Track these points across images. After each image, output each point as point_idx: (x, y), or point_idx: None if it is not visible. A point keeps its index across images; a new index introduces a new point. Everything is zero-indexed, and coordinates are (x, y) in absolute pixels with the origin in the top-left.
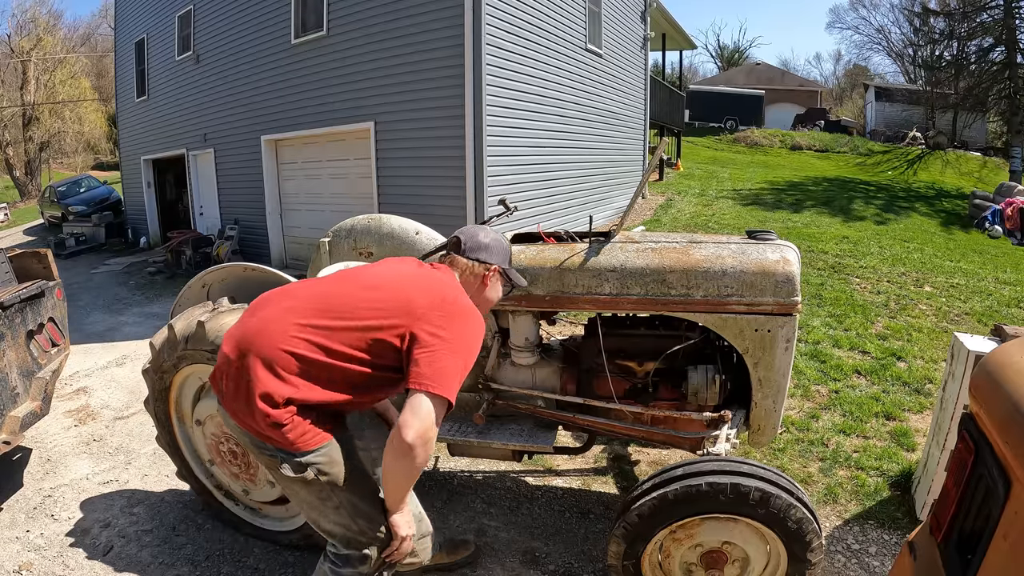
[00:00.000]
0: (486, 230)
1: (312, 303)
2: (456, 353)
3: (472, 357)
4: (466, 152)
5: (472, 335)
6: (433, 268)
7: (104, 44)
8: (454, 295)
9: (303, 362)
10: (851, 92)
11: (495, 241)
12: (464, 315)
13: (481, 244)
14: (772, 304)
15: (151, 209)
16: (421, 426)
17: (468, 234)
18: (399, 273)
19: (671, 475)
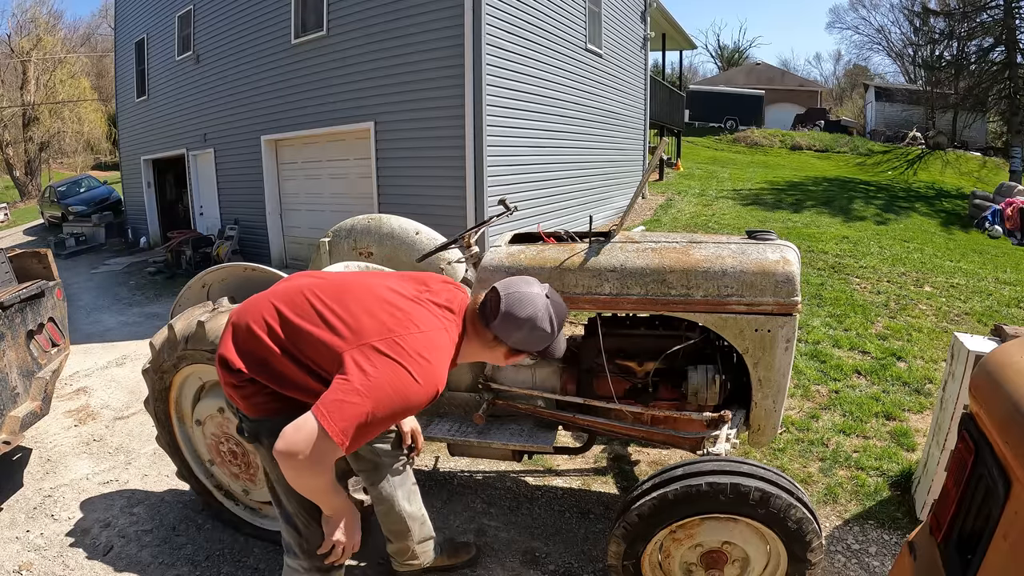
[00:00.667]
0: (533, 297)
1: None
2: (367, 397)
3: (389, 413)
4: (466, 152)
5: (398, 390)
6: (432, 296)
7: (104, 44)
8: (411, 337)
9: (255, 341)
10: (851, 92)
11: (537, 318)
12: (405, 362)
13: (517, 326)
14: (772, 304)
15: (151, 209)
16: (288, 443)
17: (512, 305)
18: (387, 290)
19: (671, 475)
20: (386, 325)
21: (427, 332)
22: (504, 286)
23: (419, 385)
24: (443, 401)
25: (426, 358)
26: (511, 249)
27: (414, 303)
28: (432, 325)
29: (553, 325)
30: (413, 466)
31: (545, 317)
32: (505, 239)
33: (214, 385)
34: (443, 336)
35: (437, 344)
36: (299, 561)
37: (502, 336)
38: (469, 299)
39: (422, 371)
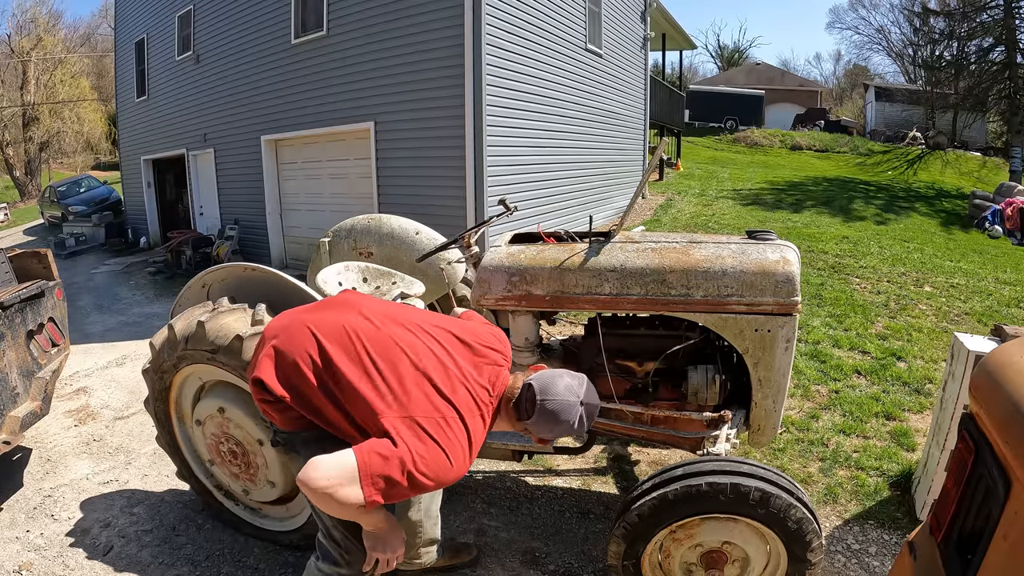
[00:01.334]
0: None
1: (344, 333)
2: (406, 469)
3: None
4: (466, 152)
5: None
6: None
7: (104, 44)
8: (454, 423)
9: (299, 377)
10: (851, 92)
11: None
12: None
13: (551, 426)
14: (772, 304)
15: (151, 209)
16: (316, 476)
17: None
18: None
19: (671, 475)
20: (433, 404)
21: (468, 419)
22: (541, 389)
23: (453, 469)
24: None
25: (463, 444)
26: (511, 249)
27: (459, 383)
28: (472, 411)
29: (583, 426)
30: None
31: (576, 422)
32: (505, 239)
33: (214, 385)
34: (480, 424)
35: (474, 431)
36: (338, 569)
37: (534, 431)
38: (508, 382)
39: (458, 457)
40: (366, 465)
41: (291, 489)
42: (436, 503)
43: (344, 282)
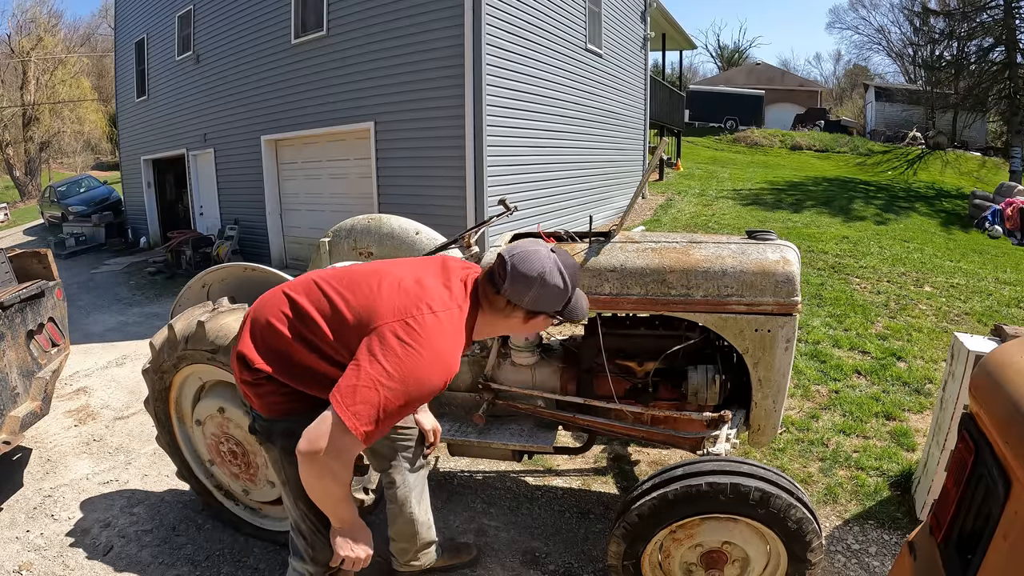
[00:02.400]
0: (540, 254)
1: (308, 281)
2: (382, 385)
3: (405, 399)
4: (466, 152)
5: (412, 374)
6: (447, 273)
7: (104, 44)
8: (423, 318)
9: (273, 334)
10: (851, 92)
11: (546, 272)
12: (418, 345)
13: (528, 284)
14: (772, 304)
15: (151, 209)
16: (308, 439)
17: (518, 264)
18: (400, 270)
19: (671, 475)
20: (397, 306)
21: (439, 312)
22: (508, 249)
23: (433, 369)
24: (443, 401)
25: (439, 340)
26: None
27: (427, 280)
28: (444, 304)
29: (565, 279)
30: (430, 468)
31: (555, 271)
32: (505, 239)
33: (214, 385)
34: (456, 315)
35: (450, 325)
36: (305, 566)
37: (515, 299)
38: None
39: (435, 355)
40: (339, 404)
41: None
42: (427, 504)
43: None
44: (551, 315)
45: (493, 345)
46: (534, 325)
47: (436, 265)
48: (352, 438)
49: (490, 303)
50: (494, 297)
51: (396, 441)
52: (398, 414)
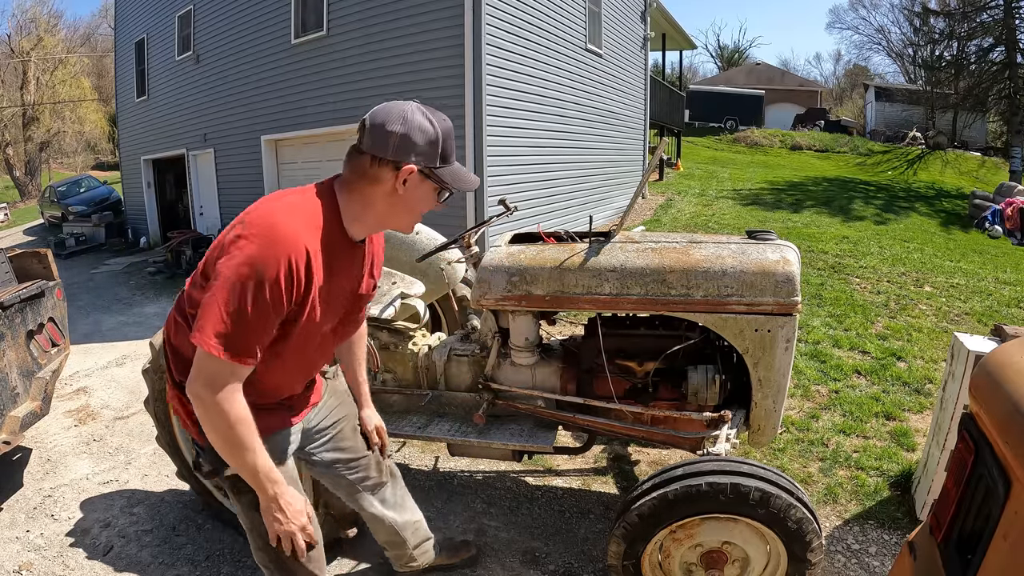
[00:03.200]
0: (399, 102)
1: None
2: (219, 289)
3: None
4: (466, 152)
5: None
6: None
7: (104, 44)
8: (253, 212)
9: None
10: (851, 92)
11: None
12: (245, 233)
13: (387, 128)
14: (772, 304)
15: (151, 209)
16: (192, 380)
17: (376, 115)
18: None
19: (671, 475)
20: (236, 218)
21: (272, 201)
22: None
23: (267, 246)
24: (443, 401)
25: (271, 218)
26: (511, 249)
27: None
28: (280, 194)
29: (432, 122)
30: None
31: (416, 112)
32: (505, 239)
33: None
34: (295, 198)
35: (284, 205)
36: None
37: (379, 152)
38: None
39: (265, 230)
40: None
41: None
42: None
43: None
44: (427, 174)
45: (493, 345)
46: (413, 192)
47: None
48: (217, 360)
49: (355, 171)
50: (358, 160)
51: (348, 475)
52: (248, 308)
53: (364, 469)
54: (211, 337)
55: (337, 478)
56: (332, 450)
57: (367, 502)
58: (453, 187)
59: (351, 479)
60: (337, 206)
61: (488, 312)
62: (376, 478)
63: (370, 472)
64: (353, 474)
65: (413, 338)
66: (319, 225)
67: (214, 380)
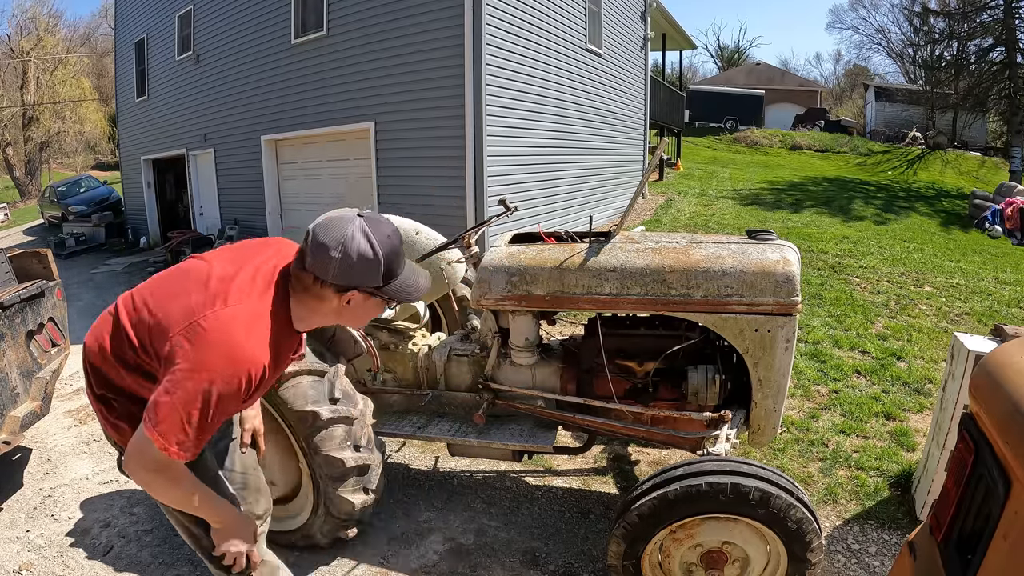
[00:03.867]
0: (343, 219)
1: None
2: (176, 395)
3: (206, 405)
4: (466, 152)
5: (204, 378)
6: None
7: (104, 44)
8: (213, 316)
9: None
10: (851, 92)
11: (348, 238)
12: (206, 347)
13: (328, 253)
14: (772, 304)
15: (151, 209)
16: (128, 466)
17: (319, 232)
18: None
19: (671, 475)
20: (190, 307)
21: (233, 305)
22: (315, 221)
23: (228, 364)
24: (443, 401)
25: (232, 334)
26: (511, 249)
27: (239, 272)
28: (242, 296)
29: (374, 246)
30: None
31: (358, 237)
32: (505, 239)
33: None
34: (255, 304)
35: (246, 314)
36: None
37: (320, 273)
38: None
39: (227, 349)
40: (146, 422)
41: (291, 489)
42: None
43: None
44: (371, 293)
45: (493, 345)
46: (358, 308)
47: (260, 251)
48: (163, 455)
49: (301, 283)
50: (302, 275)
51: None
52: (208, 419)
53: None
54: (172, 444)
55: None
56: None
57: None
58: (399, 300)
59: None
60: (288, 309)
61: (488, 312)
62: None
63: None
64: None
65: (413, 338)
66: (272, 336)
67: (166, 469)
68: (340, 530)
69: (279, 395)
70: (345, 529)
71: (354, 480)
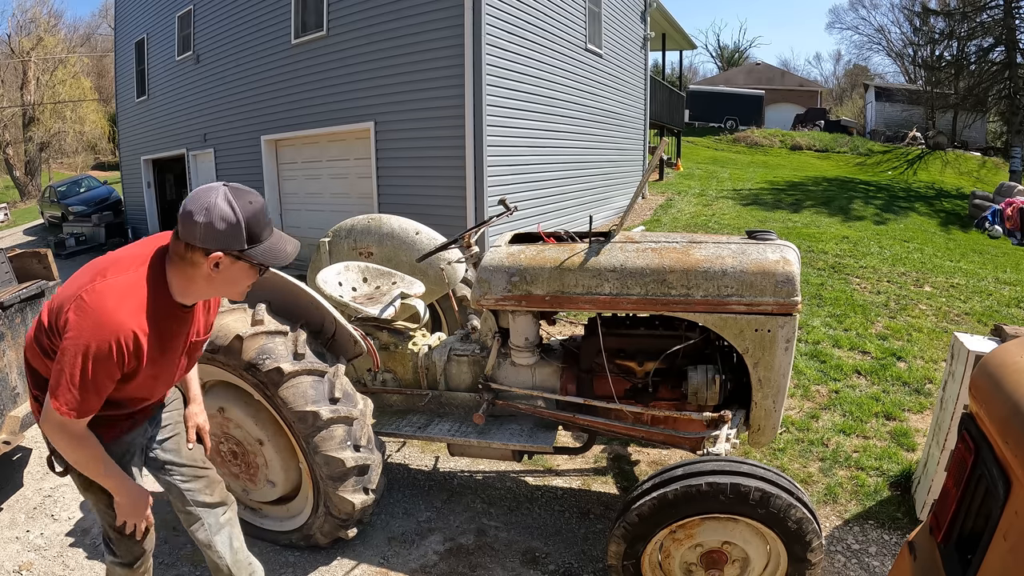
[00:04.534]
0: (209, 188)
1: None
2: (63, 361)
3: (83, 368)
4: (466, 152)
5: (81, 343)
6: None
7: (104, 44)
8: (93, 288)
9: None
10: (851, 92)
11: (211, 204)
12: (84, 315)
13: (193, 219)
14: (772, 304)
15: (151, 209)
16: (46, 421)
17: (187, 203)
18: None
19: (671, 475)
20: (80, 284)
21: (111, 278)
22: (192, 193)
23: (100, 330)
24: (443, 401)
25: (106, 301)
26: (511, 249)
27: (125, 251)
28: (121, 269)
29: (235, 209)
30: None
31: (222, 202)
32: (505, 239)
33: (214, 385)
34: (131, 276)
35: (121, 285)
36: (113, 559)
37: (188, 239)
38: None
39: (100, 315)
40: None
41: (291, 489)
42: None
43: (344, 282)
44: (237, 256)
45: (493, 345)
46: (229, 273)
47: (160, 238)
48: (66, 418)
49: (177, 253)
50: (176, 244)
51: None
52: (88, 380)
53: (196, 481)
54: (62, 405)
55: (169, 483)
56: (168, 451)
57: (197, 524)
58: (265, 264)
59: (181, 487)
60: (165, 285)
61: (488, 312)
62: (209, 498)
63: (202, 487)
64: (185, 482)
65: (413, 338)
66: (148, 306)
67: (64, 428)
68: (340, 530)
69: (279, 395)
70: (345, 529)
71: (354, 480)
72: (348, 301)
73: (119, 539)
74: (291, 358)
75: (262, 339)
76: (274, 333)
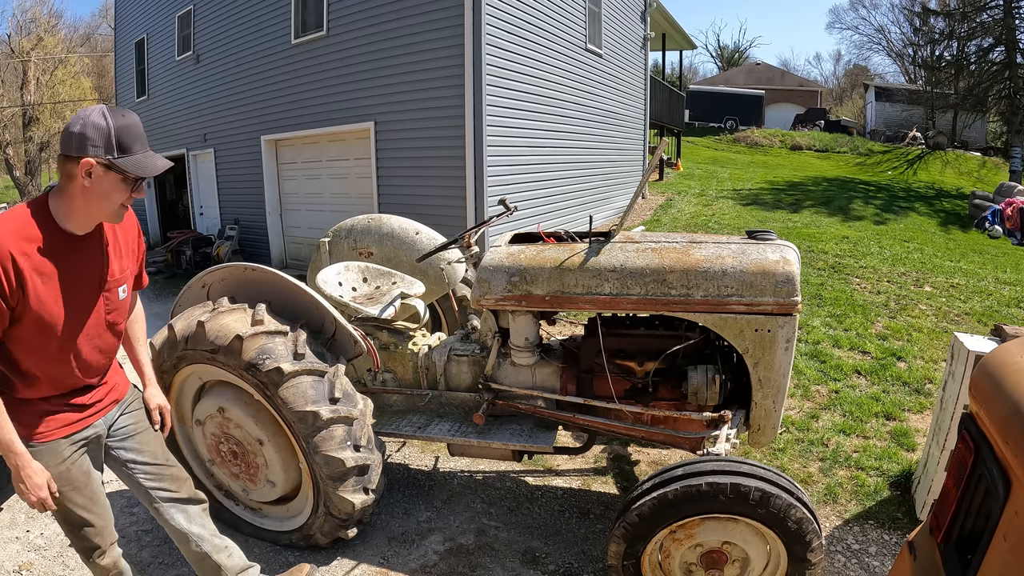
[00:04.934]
0: (91, 109)
1: None
2: None
3: None
4: (466, 152)
5: None
6: None
7: (104, 44)
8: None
9: None
10: (851, 92)
11: (87, 114)
12: None
13: (70, 129)
14: (772, 304)
15: (151, 209)
16: None
17: (67, 123)
18: None
19: (671, 475)
20: None
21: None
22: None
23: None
24: (443, 401)
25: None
26: (511, 249)
27: None
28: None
29: (107, 118)
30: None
31: (96, 114)
32: (505, 239)
33: (214, 385)
34: (15, 208)
35: (9, 213)
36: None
37: (65, 151)
38: None
39: None
40: None
41: (291, 489)
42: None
43: (344, 282)
44: (107, 165)
45: (493, 345)
46: (100, 184)
47: None
48: None
49: (62, 172)
50: (60, 162)
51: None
52: None
53: (160, 479)
54: None
55: (133, 481)
56: (129, 450)
57: (168, 514)
58: (133, 174)
59: (146, 486)
60: (48, 210)
61: (488, 312)
62: (175, 493)
63: (168, 484)
64: (149, 480)
65: (413, 338)
66: (29, 229)
67: None
68: (340, 530)
69: (279, 395)
70: (345, 529)
71: (354, 480)
72: (348, 301)
73: (68, 531)
74: (291, 358)
75: (262, 339)
76: (274, 333)
